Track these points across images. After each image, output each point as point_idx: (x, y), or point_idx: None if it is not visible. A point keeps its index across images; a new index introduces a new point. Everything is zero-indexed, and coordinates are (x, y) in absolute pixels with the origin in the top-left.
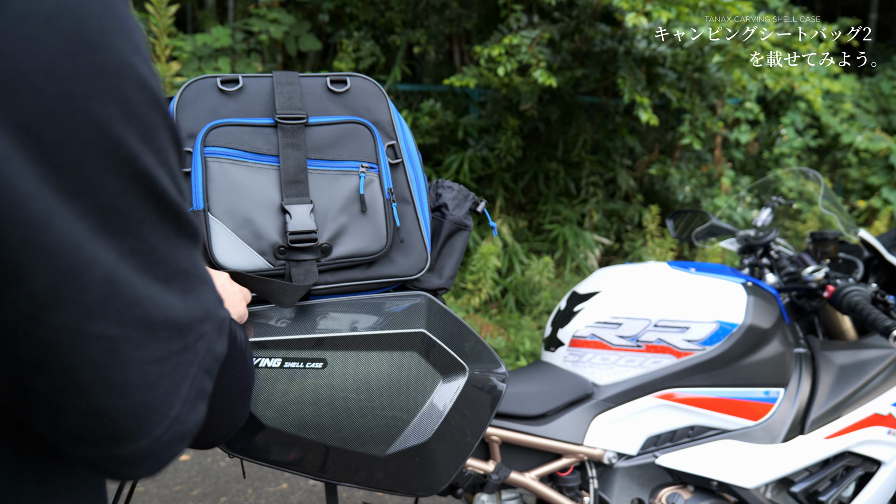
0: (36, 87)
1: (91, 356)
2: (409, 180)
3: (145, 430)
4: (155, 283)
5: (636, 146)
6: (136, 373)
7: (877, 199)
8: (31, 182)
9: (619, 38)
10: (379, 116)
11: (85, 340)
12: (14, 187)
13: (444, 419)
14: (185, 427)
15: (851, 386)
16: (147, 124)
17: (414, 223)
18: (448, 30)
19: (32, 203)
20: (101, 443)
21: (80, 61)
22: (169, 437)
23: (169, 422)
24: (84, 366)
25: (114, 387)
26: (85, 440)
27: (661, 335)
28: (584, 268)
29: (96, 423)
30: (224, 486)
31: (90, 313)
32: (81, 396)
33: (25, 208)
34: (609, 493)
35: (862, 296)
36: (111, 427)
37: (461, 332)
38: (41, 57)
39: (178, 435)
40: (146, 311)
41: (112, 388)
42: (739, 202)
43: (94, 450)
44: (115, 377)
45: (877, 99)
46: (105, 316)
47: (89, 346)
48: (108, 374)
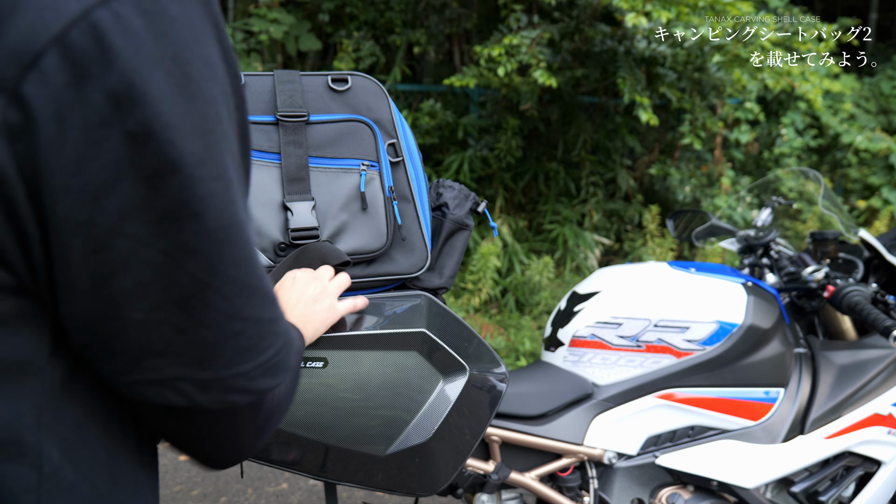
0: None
1: (178, 286)
2: (410, 179)
3: (214, 364)
4: (257, 261)
5: (636, 146)
6: (216, 317)
7: (877, 199)
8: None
9: (619, 38)
10: (380, 115)
11: (182, 273)
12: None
13: (444, 419)
14: (250, 384)
15: (851, 386)
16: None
17: (414, 221)
18: (448, 30)
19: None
20: (180, 360)
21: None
22: (232, 383)
23: (235, 372)
24: (175, 290)
25: (195, 317)
26: (168, 354)
27: (661, 335)
28: (584, 268)
29: (179, 336)
30: (224, 486)
31: (214, 265)
32: (169, 311)
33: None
34: (609, 493)
35: (862, 296)
36: (190, 346)
37: (461, 332)
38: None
39: (242, 387)
40: (247, 275)
41: (193, 318)
42: (739, 202)
43: (174, 367)
44: (199, 313)
45: (877, 99)
46: (207, 267)
47: (180, 276)
48: (194, 309)
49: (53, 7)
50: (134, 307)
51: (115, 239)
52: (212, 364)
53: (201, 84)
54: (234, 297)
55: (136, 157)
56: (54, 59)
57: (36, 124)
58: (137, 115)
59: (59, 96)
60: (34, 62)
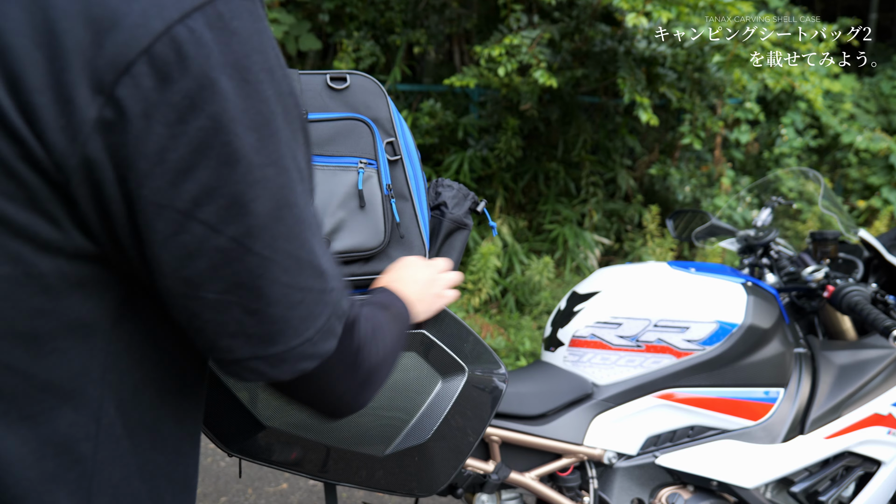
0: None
1: (246, 267)
2: (408, 177)
3: (284, 338)
4: (310, 234)
5: (636, 146)
6: (280, 291)
7: (877, 199)
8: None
9: (619, 38)
10: (378, 114)
11: (249, 256)
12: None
13: (443, 419)
14: (315, 349)
15: (851, 386)
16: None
17: (412, 220)
18: (448, 30)
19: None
20: (253, 340)
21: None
22: (300, 350)
23: (302, 339)
24: (244, 273)
25: (263, 296)
26: (239, 336)
27: (661, 335)
28: (584, 268)
29: (249, 319)
30: (224, 486)
31: (273, 242)
32: (239, 294)
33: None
34: (609, 493)
35: (862, 296)
36: (260, 327)
37: (461, 333)
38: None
39: (308, 353)
40: (299, 249)
41: (262, 297)
42: (739, 202)
43: (246, 347)
44: (266, 289)
45: (877, 99)
46: (270, 245)
47: (249, 259)
48: (262, 286)
49: (144, 24)
50: (208, 288)
51: (191, 223)
52: (282, 338)
53: (257, 86)
54: (292, 270)
55: (206, 148)
56: (143, 66)
57: (127, 120)
58: (207, 112)
59: (147, 97)
60: (127, 69)
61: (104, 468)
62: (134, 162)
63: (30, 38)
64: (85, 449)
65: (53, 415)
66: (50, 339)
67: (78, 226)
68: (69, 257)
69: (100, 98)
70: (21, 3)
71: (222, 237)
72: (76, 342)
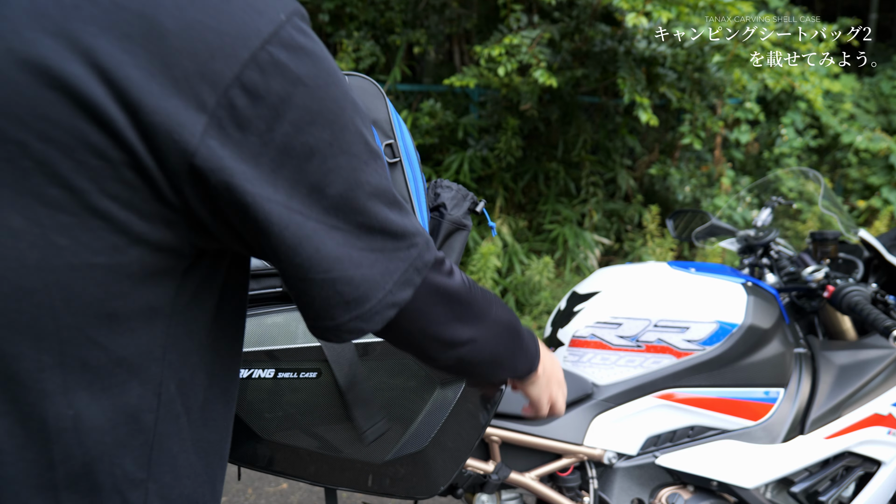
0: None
1: (334, 240)
2: (407, 180)
3: (374, 292)
4: (381, 205)
5: (636, 146)
6: (359, 255)
7: (877, 199)
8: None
9: (619, 38)
10: (377, 115)
11: (329, 230)
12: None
13: (441, 426)
14: (395, 297)
15: (851, 386)
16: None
17: None
18: (448, 30)
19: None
20: (351, 305)
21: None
22: (386, 301)
23: (385, 292)
24: (333, 247)
25: (351, 262)
26: (341, 305)
27: (661, 335)
28: (584, 268)
29: (347, 288)
30: (224, 486)
31: (348, 216)
32: (338, 269)
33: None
34: (609, 493)
35: (862, 296)
36: (354, 292)
37: None
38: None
39: (391, 302)
40: (371, 219)
41: (349, 264)
42: (739, 202)
43: (347, 312)
44: (352, 256)
45: (877, 99)
46: (345, 220)
47: (334, 234)
48: (342, 253)
49: (233, 54)
50: (315, 270)
51: (290, 213)
52: (371, 294)
53: (326, 90)
54: (366, 237)
55: (290, 149)
56: (236, 89)
57: (227, 134)
58: (289, 118)
59: (241, 114)
60: (225, 92)
61: (164, 440)
62: (238, 167)
63: (147, 71)
64: (148, 420)
65: (126, 387)
66: (126, 319)
67: (186, 227)
68: (153, 249)
69: (204, 117)
70: (141, 44)
71: (312, 221)
72: (144, 323)
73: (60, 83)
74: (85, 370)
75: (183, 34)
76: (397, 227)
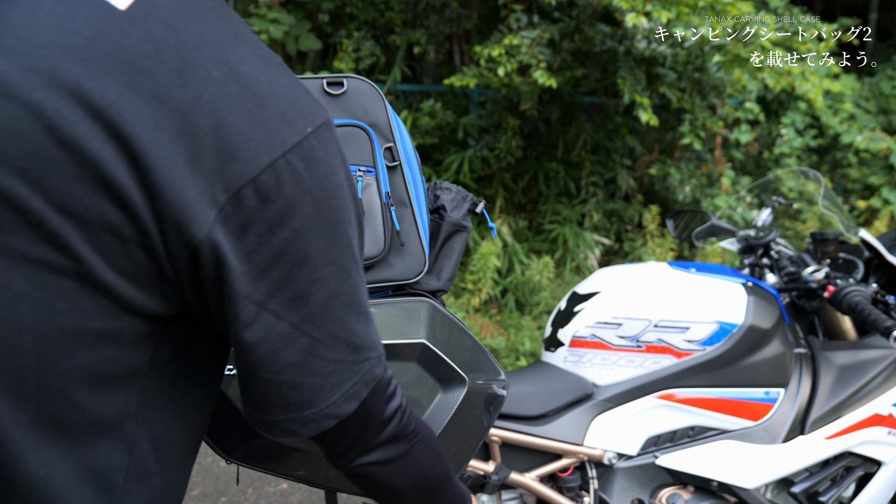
0: None
1: (298, 346)
2: (407, 183)
3: (317, 401)
4: (352, 316)
5: (636, 146)
6: (318, 364)
7: (877, 199)
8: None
9: (619, 38)
10: (376, 118)
11: (303, 338)
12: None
13: (442, 430)
14: (338, 409)
15: (852, 386)
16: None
17: (412, 226)
18: (448, 30)
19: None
20: (290, 408)
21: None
22: (328, 411)
23: (329, 403)
24: (296, 353)
25: (306, 370)
26: (280, 406)
27: (662, 335)
28: (584, 268)
29: (292, 392)
30: (224, 486)
31: (322, 325)
32: (289, 373)
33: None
34: (609, 493)
35: (862, 296)
36: (299, 396)
37: (462, 342)
38: None
39: (332, 413)
40: (340, 329)
41: (305, 371)
42: (739, 202)
43: (285, 413)
44: (311, 363)
45: (877, 99)
46: (318, 328)
47: (301, 340)
48: (300, 360)
49: (255, 158)
50: (267, 369)
51: (263, 313)
52: (314, 402)
53: (331, 202)
54: (332, 347)
55: (284, 253)
56: (250, 191)
57: (230, 230)
58: (291, 225)
59: (248, 214)
60: (238, 192)
61: (129, 498)
62: (230, 261)
63: (172, 162)
64: (116, 479)
65: (96, 444)
66: (108, 380)
67: (176, 298)
68: (146, 317)
69: (213, 211)
70: (171, 137)
71: (284, 323)
72: (122, 382)
73: (93, 165)
74: (58, 428)
75: (213, 134)
76: (359, 340)
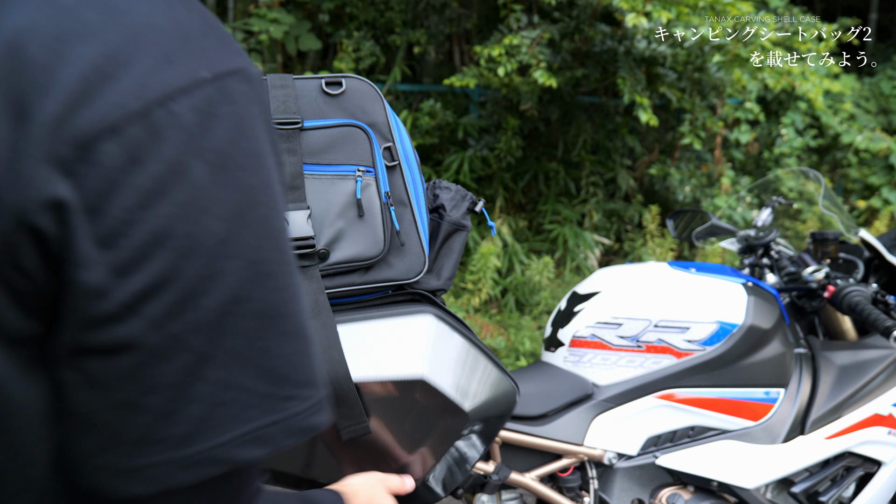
0: None
1: (181, 365)
2: (406, 183)
3: (201, 437)
4: (272, 331)
5: (636, 146)
6: (209, 388)
7: (877, 199)
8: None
9: (619, 38)
10: (375, 118)
11: (183, 353)
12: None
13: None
14: (230, 454)
15: (852, 386)
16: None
17: (412, 226)
18: (448, 30)
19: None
20: (161, 444)
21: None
22: (214, 454)
23: (219, 442)
24: (170, 373)
25: (184, 395)
26: (145, 442)
27: (662, 335)
28: (584, 268)
29: (164, 422)
30: None
31: (216, 338)
32: (160, 397)
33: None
34: (609, 493)
35: (862, 296)
36: (174, 428)
37: (467, 359)
38: None
39: (221, 457)
40: (253, 351)
41: (182, 396)
42: (739, 202)
43: (153, 452)
44: (192, 386)
45: (877, 99)
46: (211, 341)
47: (183, 356)
48: (189, 382)
49: (119, 103)
50: (120, 388)
51: (130, 317)
52: (197, 439)
53: (239, 174)
54: (231, 368)
55: (166, 237)
56: (109, 145)
57: (79, 199)
58: (175, 199)
59: (106, 177)
60: (89, 146)
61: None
62: (77, 244)
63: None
64: None
65: None
66: None
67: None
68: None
69: (50, 169)
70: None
71: (159, 334)
72: None
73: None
74: None
75: (51, 68)
76: (284, 368)
